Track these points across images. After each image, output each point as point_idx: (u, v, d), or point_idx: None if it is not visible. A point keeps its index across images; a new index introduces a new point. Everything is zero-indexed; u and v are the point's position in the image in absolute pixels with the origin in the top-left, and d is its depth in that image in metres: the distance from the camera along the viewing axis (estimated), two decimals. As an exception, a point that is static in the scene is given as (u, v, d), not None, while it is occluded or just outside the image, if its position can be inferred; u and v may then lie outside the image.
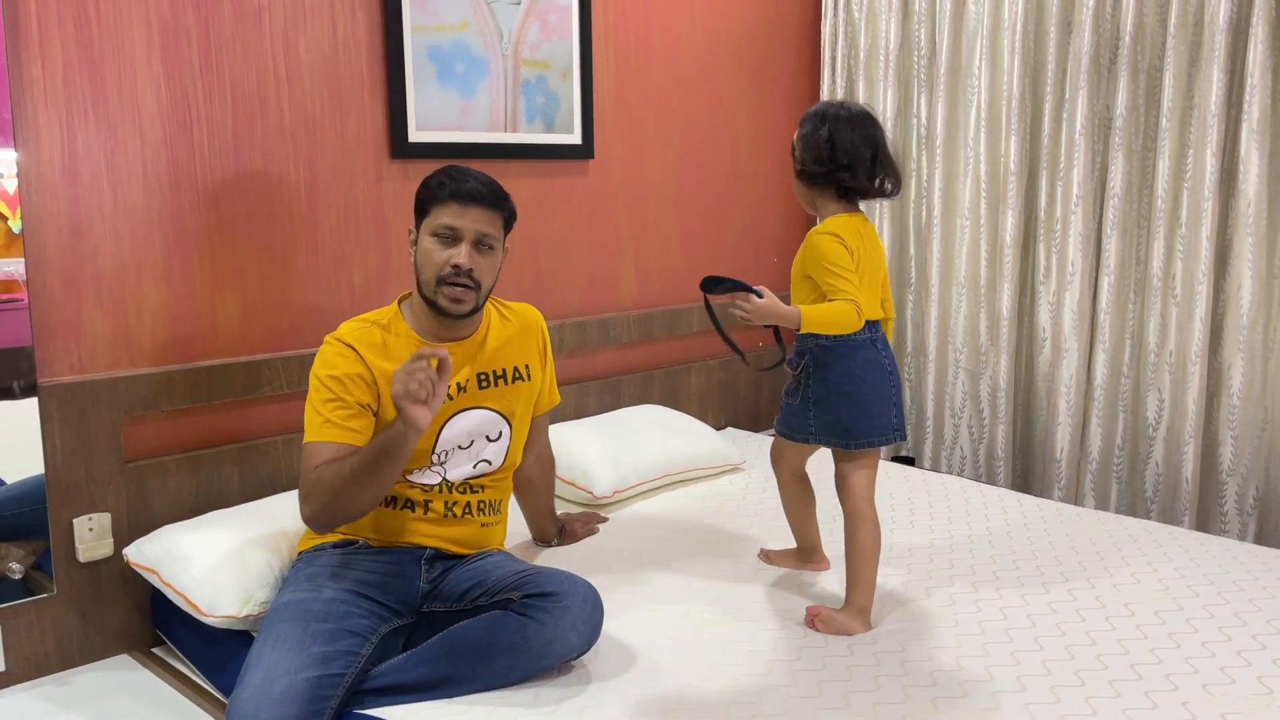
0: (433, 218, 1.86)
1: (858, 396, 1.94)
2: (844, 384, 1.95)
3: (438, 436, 1.91)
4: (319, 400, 1.83)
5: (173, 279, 2.20)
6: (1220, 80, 2.67)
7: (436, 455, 1.91)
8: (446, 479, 1.94)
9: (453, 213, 1.85)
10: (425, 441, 1.90)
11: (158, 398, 2.16)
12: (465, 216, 1.85)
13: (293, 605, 1.73)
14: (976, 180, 3.21)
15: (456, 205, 1.85)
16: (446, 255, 1.85)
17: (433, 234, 1.86)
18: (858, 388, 1.94)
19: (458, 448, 1.94)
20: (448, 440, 1.92)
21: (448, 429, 1.92)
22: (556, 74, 2.82)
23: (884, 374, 1.97)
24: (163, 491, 2.18)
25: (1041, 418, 3.16)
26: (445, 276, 1.85)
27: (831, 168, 1.90)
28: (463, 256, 1.84)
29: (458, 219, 1.85)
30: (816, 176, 1.93)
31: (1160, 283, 2.87)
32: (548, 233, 2.88)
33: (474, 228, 1.86)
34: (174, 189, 2.18)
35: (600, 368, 3.06)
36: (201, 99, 2.20)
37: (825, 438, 1.98)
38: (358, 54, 2.43)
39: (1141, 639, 1.85)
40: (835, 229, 1.90)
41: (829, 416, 1.97)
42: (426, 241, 1.87)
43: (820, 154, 1.91)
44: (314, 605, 1.72)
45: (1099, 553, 2.27)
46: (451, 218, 1.84)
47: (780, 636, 1.87)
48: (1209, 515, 2.86)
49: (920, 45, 3.33)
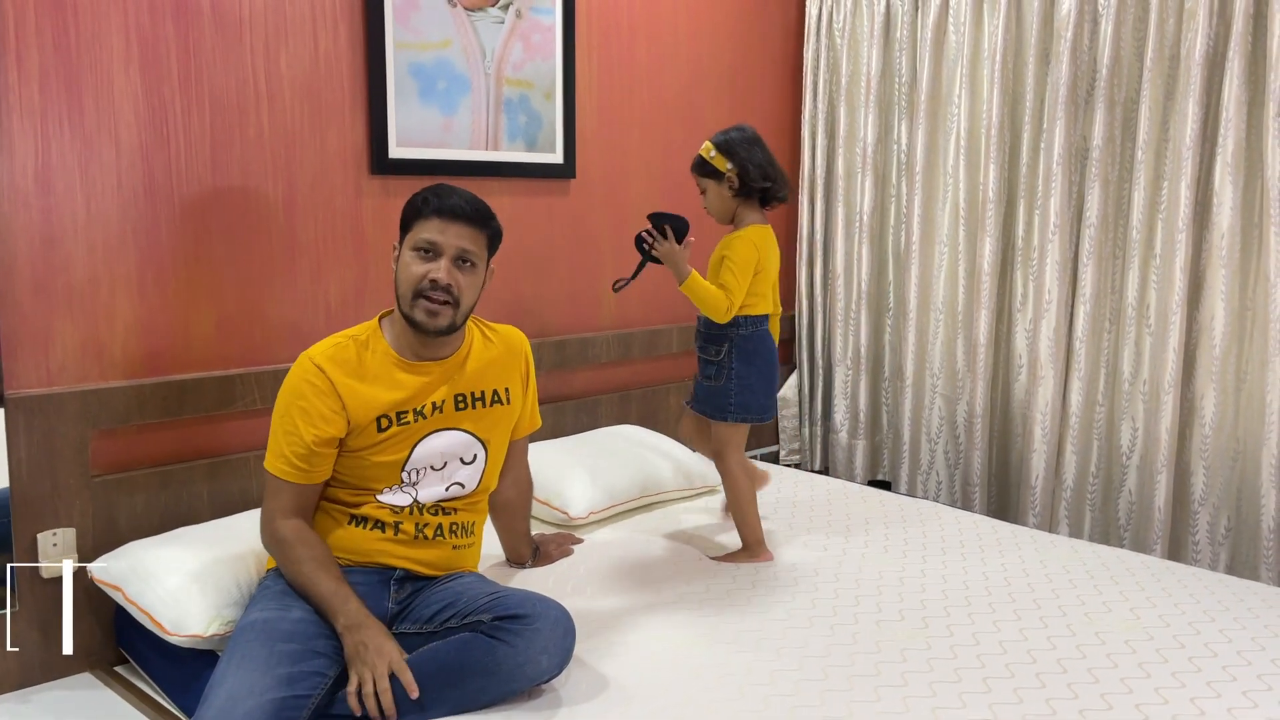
0: (414, 233, 1.86)
1: (768, 379, 2.36)
2: (762, 368, 2.34)
3: (409, 454, 1.89)
4: (282, 429, 1.84)
5: (146, 291, 2.18)
6: (1195, 114, 2.71)
7: (407, 474, 1.90)
8: (418, 500, 1.92)
9: (434, 228, 1.84)
10: (397, 456, 1.88)
11: (128, 411, 2.13)
12: (446, 232, 1.84)
13: (259, 624, 1.70)
14: (955, 207, 3.24)
15: (438, 220, 1.84)
16: (425, 269, 1.84)
17: (413, 248, 1.85)
18: (770, 371, 2.36)
19: (430, 468, 1.92)
20: (419, 459, 1.90)
21: (420, 447, 1.90)
22: (539, 93, 2.82)
23: (776, 361, 2.40)
24: (130, 507, 2.15)
25: (1017, 444, 3.17)
26: (422, 290, 1.83)
27: (766, 183, 2.31)
28: (441, 271, 1.83)
29: (438, 234, 1.84)
30: (753, 191, 2.32)
31: (1135, 312, 2.89)
32: (528, 251, 2.87)
33: (455, 244, 1.85)
34: (149, 201, 2.16)
35: (578, 387, 3.05)
36: (180, 111, 2.18)
37: (741, 414, 2.33)
38: (339, 69, 2.42)
39: (1112, 668, 1.85)
40: (755, 238, 2.31)
41: (747, 396, 2.33)
42: (406, 256, 1.86)
43: (764, 171, 2.31)
44: (281, 625, 1.70)
45: (1072, 580, 2.27)
46: (432, 233, 1.84)
47: (754, 660, 1.86)
48: (1181, 545, 2.87)
49: (901, 73, 3.36)
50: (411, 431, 1.88)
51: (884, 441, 3.55)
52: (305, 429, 1.81)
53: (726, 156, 2.32)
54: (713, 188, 2.37)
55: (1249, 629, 2.01)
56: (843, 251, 3.52)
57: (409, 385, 1.88)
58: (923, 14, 3.25)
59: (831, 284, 3.56)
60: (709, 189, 2.38)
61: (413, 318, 1.86)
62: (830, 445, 3.63)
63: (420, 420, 1.89)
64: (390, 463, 1.87)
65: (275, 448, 1.84)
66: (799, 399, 3.70)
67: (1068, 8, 2.90)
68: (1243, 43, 2.63)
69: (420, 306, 1.84)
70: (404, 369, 1.89)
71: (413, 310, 1.85)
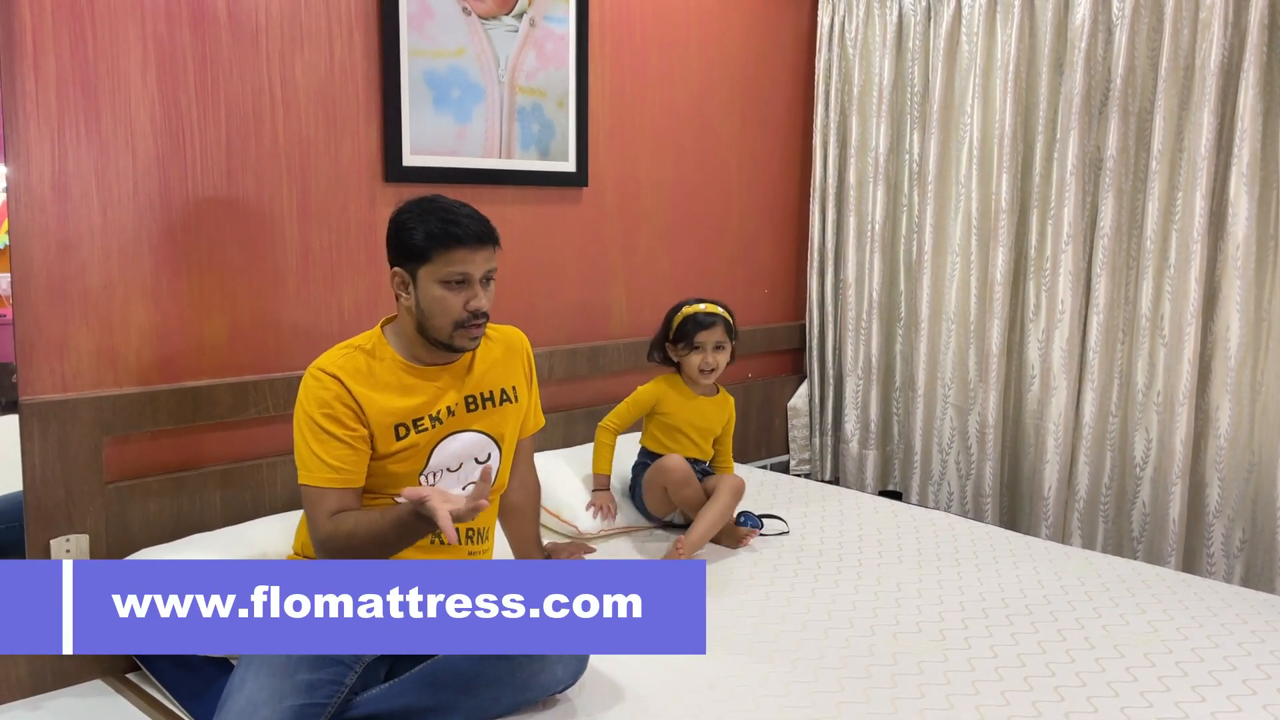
0: (438, 265, 1.79)
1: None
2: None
3: (428, 460, 1.89)
4: (315, 441, 1.78)
5: (161, 298, 2.18)
6: (1210, 124, 2.70)
7: (425, 478, 1.89)
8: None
9: (462, 259, 1.79)
10: (415, 465, 1.88)
11: (141, 418, 2.13)
12: (475, 260, 1.81)
13: None
14: (968, 217, 3.23)
15: (464, 250, 1.79)
16: (463, 300, 1.81)
17: (442, 281, 1.80)
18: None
19: (446, 470, 1.91)
20: (437, 463, 1.90)
21: (438, 452, 1.90)
22: (552, 102, 2.82)
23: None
24: (143, 513, 2.15)
25: (1029, 455, 3.16)
26: (464, 321, 1.82)
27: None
28: (483, 301, 1.83)
29: (468, 265, 1.80)
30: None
31: (1149, 323, 2.88)
32: (540, 260, 2.87)
33: (484, 268, 1.83)
34: (165, 208, 2.16)
35: (590, 396, 3.04)
36: (196, 119, 2.19)
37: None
38: (354, 77, 2.43)
39: (1131, 681, 1.84)
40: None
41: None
42: (436, 290, 1.80)
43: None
44: None
45: (1087, 592, 2.26)
46: (462, 265, 1.79)
47: (769, 671, 1.85)
48: (1195, 556, 2.85)
49: (913, 82, 3.36)
50: (429, 438, 1.88)
51: (895, 452, 3.54)
52: (339, 430, 1.78)
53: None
54: (728, 350, 2.60)
55: (1268, 642, 2.00)
56: (854, 261, 3.51)
57: (421, 391, 1.88)
58: (935, 23, 3.25)
59: (843, 293, 3.55)
60: (726, 350, 2.59)
61: (453, 345, 1.85)
62: (841, 455, 3.61)
63: (436, 425, 1.88)
64: (408, 471, 1.87)
65: (308, 460, 1.78)
66: (809, 409, 3.69)
67: (1081, 17, 2.89)
68: (1258, 52, 2.62)
69: (464, 335, 1.84)
70: (414, 374, 1.89)
71: (453, 340, 1.84)
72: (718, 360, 2.56)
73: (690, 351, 2.55)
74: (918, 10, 3.30)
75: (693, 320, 2.55)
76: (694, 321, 2.55)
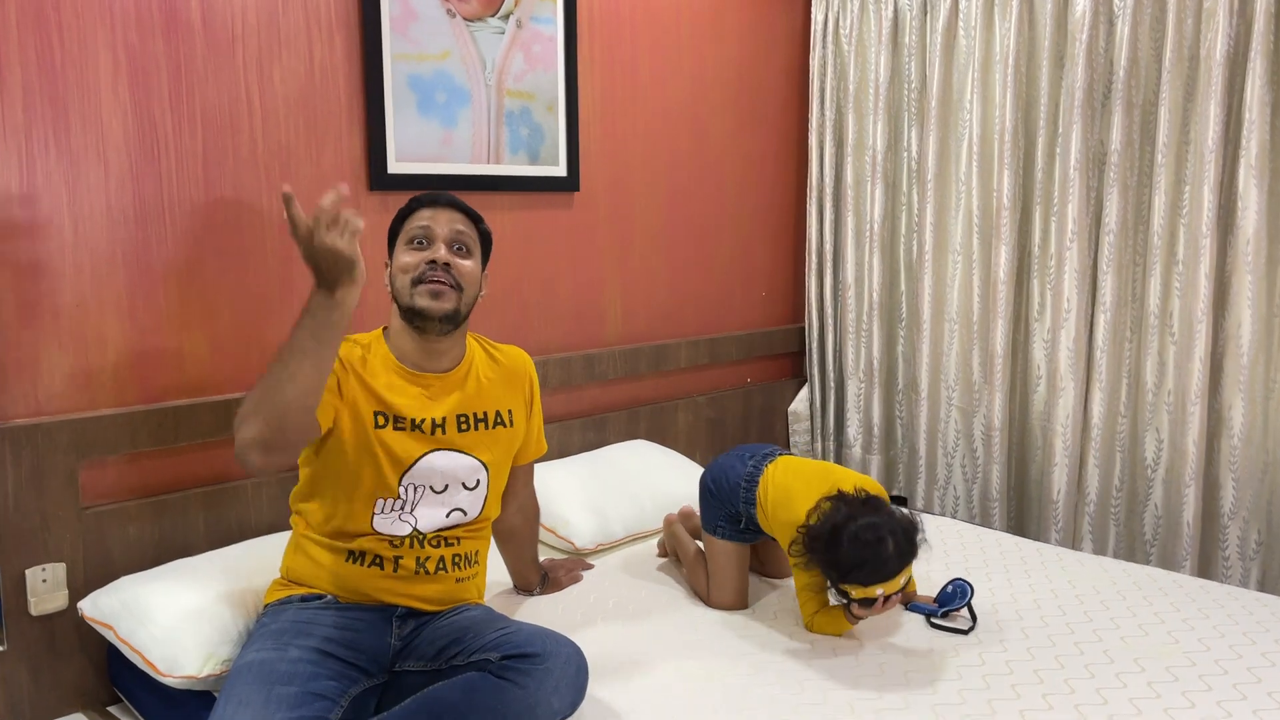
0: (405, 231, 1.83)
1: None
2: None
3: (410, 466, 1.81)
4: None
5: (137, 315, 2.10)
6: (1217, 115, 2.62)
7: (404, 488, 1.81)
8: (417, 529, 1.83)
9: (424, 216, 1.82)
10: (395, 467, 1.79)
11: (119, 440, 2.05)
12: (438, 219, 1.82)
13: (255, 666, 1.62)
14: (969, 215, 3.15)
15: (428, 209, 1.83)
16: (421, 256, 1.79)
17: (406, 242, 1.81)
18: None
19: (430, 489, 1.83)
20: (420, 474, 1.82)
21: (424, 461, 1.82)
22: (541, 105, 2.74)
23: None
24: (123, 539, 2.07)
25: (1037, 458, 3.08)
26: (421, 275, 1.78)
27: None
28: (440, 250, 1.79)
29: (429, 220, 1.81)
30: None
31: (1158, 320, 2.81)
32: (531, 267, 2.79)
33: (448, 227, 1.82)
34: (140, 221, 2.08)
35: (585, 405, 2.97)
36: (170, 129, 2.11)
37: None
38: (335, 82, 2.35)
39: (1155, 698, 1.76)
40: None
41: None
42: (400, 251, 1.82)
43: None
44: (278, 666, 1.61)
45: (1103, 601, 2.18)
46: (424, 220, 1.81)
47: (778, 693, 1.77)
48: (1210, 560, 2.78)
49: (910, 78, 3.28)
50: (411, 441, 1.80)
51: (898, 456, 3.46)
52: None
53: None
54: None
55: (1294, 652, 1.92)
56: (853, 261, 3.44)
57: (408, 393, 1.82)
58: (932, 17, 3.17)
59: (842, 295, 3.47)
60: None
61: (415, 307, 1.78)
62: (843, 460, 3.54)
63: (418, 432, 1.81)
64: (388, 473, 1.79)
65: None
66: (810, 413, 3.61)
67: (1082, 9, 2.82)
68: (1265, 42, 2.55)
69: (422, 291, 1.77)
70: (404, 377, 1.82)
71: (414, 299, 1.78)
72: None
73: (853, 605, 1.94)
74: (914, 4, 3.22)
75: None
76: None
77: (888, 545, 1.84)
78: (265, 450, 1.58)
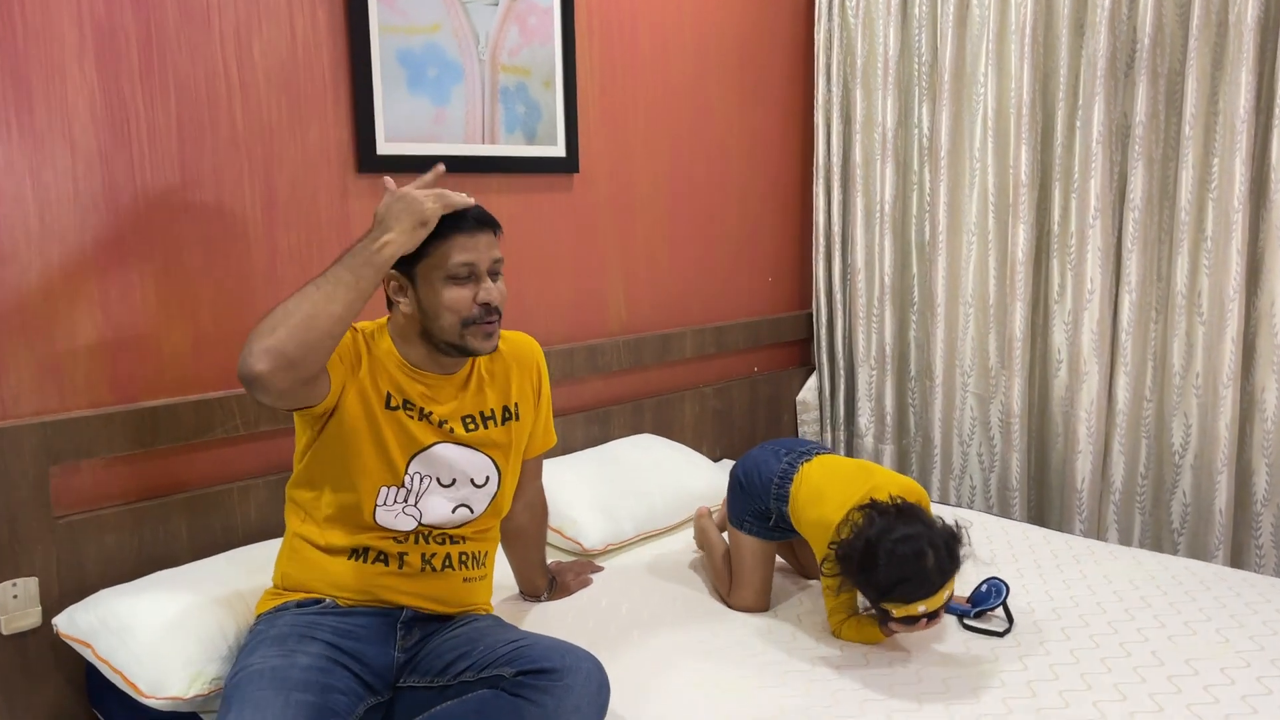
0: (437, 258, 1.61)
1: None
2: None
3: (417, 454, 1.68)
4: None
5: (111, 309, 1.95)
6: (1248, 83, 2.50)
7: (410, 476, 1.67)
8: (423, 523, 1.70)
9: (462, 246, 1.61)
10: (404, 449, 1.67)
11: (94, 443, 1.90)
12: (478, 247, 1.63)
13: (268, 673, 1.48)
14: (984, 193, 3.03)
15: (464, 237, 1.62)
16: (470, 295, 1.62)
17: (447, 277, 1.62)
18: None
19: (437, 481, 1.70)
20: (427, 462, 1.69)
21: (433, 450, 1.69)
22: (538, 81, 2.60)
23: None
24: (100, 550, 1.92)
25: (1058, 445, 2.96)
26: (475, 318, 1.63)
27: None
28: (493, 293, 1.64)
29: (470, 253, 1.62)
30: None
31: (1185, 300, 2.69)
32: (530, 253, 2.65)
33: (488, 256, 1.65)
34: (111, 208, 1.94)
35: (588, 398, 2.83)
36: (142, 107, 1.96)
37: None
38: (319, 57, 2.20)
39: (1212, 703, 1.64)
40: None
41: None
42: (439, 287, 1.62)
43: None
44: (291, 673, 1.48)
45: (1143, 597, 2.06)
46: (464, 253, 1.61)
47: (807, 705, 1.64)
48: (1244, 549, 2.67)
49: (921, 51, 3.15)
50: (423, 427, 1.68)
51: (912, 445, 3.34)
52: None
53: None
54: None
55: (1355, 651, 1.81)
56: (863, 244, 3.30)
57: (410, 390, 1.69)
58: (943, -13, 3.04)
59: (852, 279, 3.34)
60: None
61: (466, 347, 1.66)
62: (855, 451, 3.41)
63: (427, 422, 1.69)
64: (395, 456, 1.66)
65: None
66: (819, 402, 3.49)
67: (1104, -26, 2.69)
68: (1299, 5, 2.43)
69: (476, 333, 1.65)
70: (406, 373, 1.69)
71: (464, 340, 1.65)
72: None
73: (891, 623, 1.78)
74: (923, -26, 3.09)
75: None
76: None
77: (928, 559, 1.70)
78: (284, 364, 1.43)
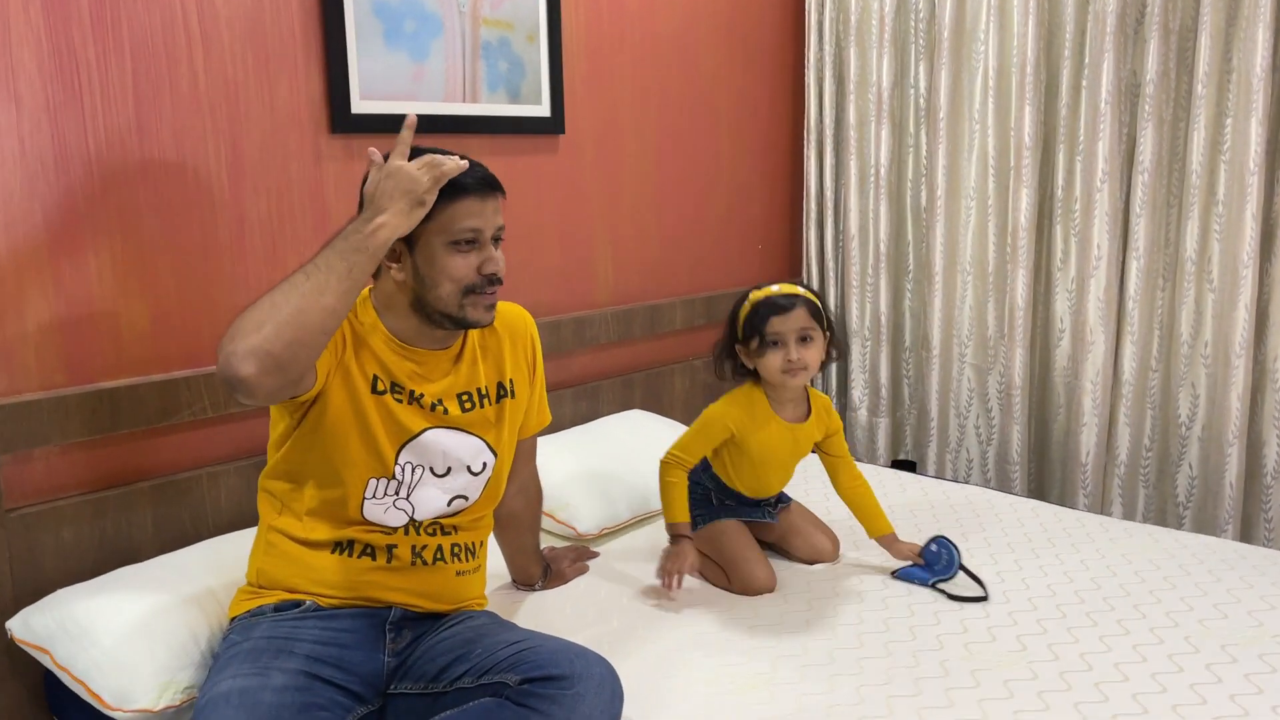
0: (441, 221, 1.48)
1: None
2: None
3: (407, 442, 1.55)
4: None
5: (63, 282, 1.78)
6: (1265, 40, 2.40)
7: (401, 467, 1.54)
8: (414, 519, 1.57)
9: (470, 210, 1.49)
10: (392, 444, 1.53)
11: (47, 429, 1.74)
12: (484, 212, 1.51)
13: (235, 697, 1.34)
14: (984, 156, 2.91)
15: (472, 200, 1.49)
16: (473, 263, 1.50)
17: (451, 242, 1.49)
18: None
19: (430, 470, 1.57)
20: (419, 451, 1.56)
21: (425, 437, 1.56)
22: (521, 35, 2.43)
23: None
24: (57, 545, 1.76)
25: (1060, 417, 2.87)
26: (476, 287, 1.52)
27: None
28: (497, 263, 1.53)
29: (477, 218, 1.50)
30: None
31: (1194, 267, 2.59)
32: (515, 219, 2.50)
33: (494, 222, 1.53)
34: (61, 170, 1.76)
35: (576, 372, 2.69)
36: (94, 59, 1.78)
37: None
38: (288, 6, 2.02)
39: (1257, 693, 1.56)
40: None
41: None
42: (441, 253, 1.49)
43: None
44: (262, 696, 1.34)
45: (1167, 578, 1.98)
46: (471, 218, 1.49)
47: (830, 702, 1.54)
48: (1252, 523, 2.60)
49: (918, 7, 3.02)
50: (412, 413, 1.55)
51: (907, 418, 3.24)
52: None
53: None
54: (820, 340, 1.94)
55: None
56: (857, 210, 3.18)
57: (398, 370, 1.55)
58: (942, -60, 2.90)
59: (845, 246, 3.22)
60: (817, 341, 1.93)
61: (465, 319, 1.54)
62: (849, 424, 3.31)
63: (417, 406, 1.55)
64: (384, 446, 1.53)
65: None
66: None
67: (1114, -75, 2.57)
68: (1320, -43, 2.32)
69: (476, 303, 1.53)
70: (396, 350, 1.55)
71: (463, 311, 1.53)
72: (806, 357, 1.89)
73: (766, 350, 1.90)
74: (921, -74, 2.95)
75: (766, 304, 1.89)
76: (767, 305, 1.89)
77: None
78: (271, 365, 1.27)
